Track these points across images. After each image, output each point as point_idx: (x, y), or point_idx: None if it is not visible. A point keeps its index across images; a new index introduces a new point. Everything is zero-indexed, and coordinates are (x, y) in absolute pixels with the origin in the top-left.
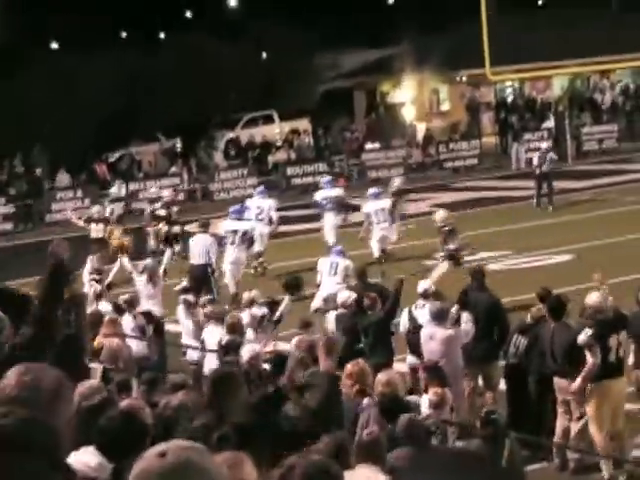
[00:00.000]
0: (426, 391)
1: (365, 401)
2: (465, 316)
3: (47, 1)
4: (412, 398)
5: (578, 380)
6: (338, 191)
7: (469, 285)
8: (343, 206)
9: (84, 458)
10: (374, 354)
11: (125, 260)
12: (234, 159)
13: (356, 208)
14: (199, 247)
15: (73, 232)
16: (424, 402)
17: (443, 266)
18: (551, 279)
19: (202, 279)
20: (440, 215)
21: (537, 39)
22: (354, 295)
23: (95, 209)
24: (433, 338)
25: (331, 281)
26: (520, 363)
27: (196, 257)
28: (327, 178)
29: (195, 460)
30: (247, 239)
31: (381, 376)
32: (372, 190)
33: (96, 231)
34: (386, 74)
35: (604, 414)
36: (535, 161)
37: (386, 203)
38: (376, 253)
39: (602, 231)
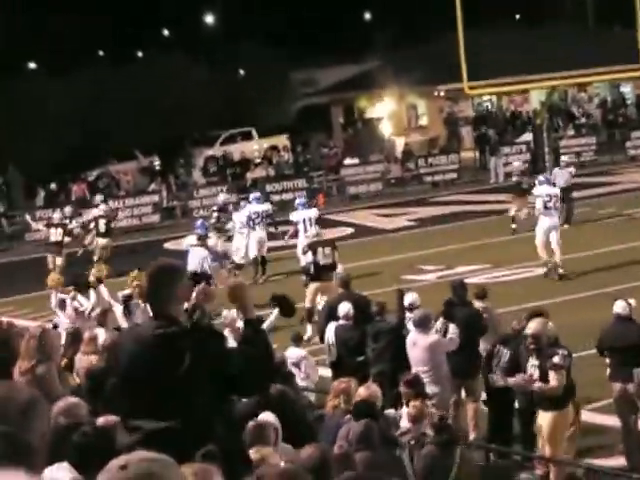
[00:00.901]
0: (407, 404)
1: (347, 417)
2: (452, 327)
3: (23, 20)
4: (390, 412)
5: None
6: (314, 211)
7: (450, 298)
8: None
9: (58, 474)
10: (384, 360)
11: (103, 290)
12: (213, 176)
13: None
14: (194, 260)
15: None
16: (404, 415)
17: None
18: (529, 292)
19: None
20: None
21: (514, 53)
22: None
23: (56, 215)
24: (416, 345)
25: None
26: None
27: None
28: (302, 199)
29: (156, 472)
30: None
31: (362, 390)
32: (300, 200)
33: (55, 235)
34: (363, 89)
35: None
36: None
37: (313, 213)
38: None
39: (579, 244)
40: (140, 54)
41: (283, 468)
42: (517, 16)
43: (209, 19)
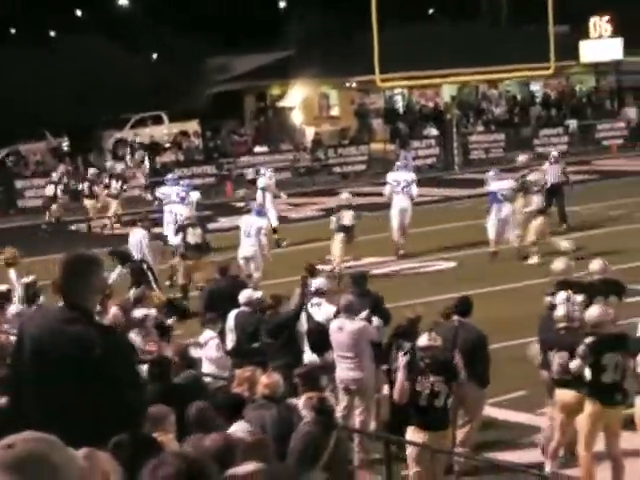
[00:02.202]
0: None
1: (255, 404)
2: (376, 318)
3: None
4: (292, 401)
5: None
6: (196, 194)
7: (351, 290)
8: None
9: None
10: (281, 355)
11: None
12: (122, 159)
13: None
14: (134, 241)
15: None
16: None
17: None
18: (434, 286)
19: (139, 274)
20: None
21: (426, 48)
22: (258, 293)
23: None
24: (342, 329)
25: (246, 242)
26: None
27: (134, 252)
28: (172, 175)
29: (42, 452)
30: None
31: (264, 378)
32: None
33: None
34: (276, 78)
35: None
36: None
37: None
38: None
39: (483, 239)
40: (53, 34)
41: (185, 454)
42: (430, 10)
43: (123, 0)
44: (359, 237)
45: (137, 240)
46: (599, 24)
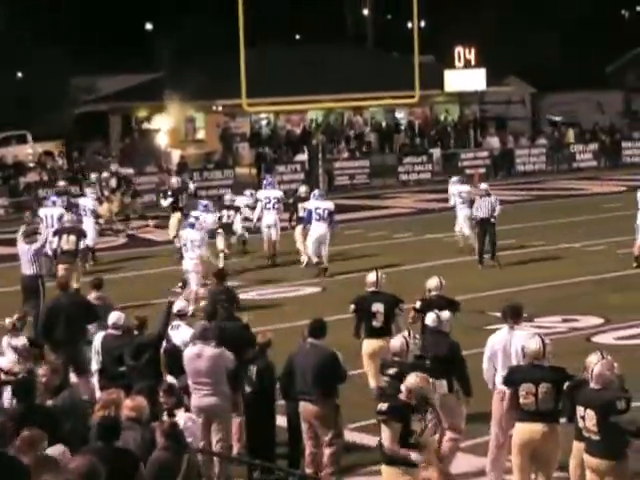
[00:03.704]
0: (169, 414)
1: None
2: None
3: None
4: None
5: None
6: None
7: (219, 313)
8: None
9: None
10: (145, 377)
11: None
12: None
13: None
14: (24, 257)
15: None
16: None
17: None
18: (300, 310)
19: (32, 290)
20: None
21: (293, 73)
22: (123, 317)
23: None
24: (201, 356)
25: (187, 256)
26: (256, 391)
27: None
28: (53, 197)
29: None
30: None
31: (128, 402)
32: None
33: None
34: (143, 100)
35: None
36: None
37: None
38: None
39: (349, 266)
40: None
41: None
42: (297, 36)
43: None
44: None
45: (27, 255)
46: (463, 54)
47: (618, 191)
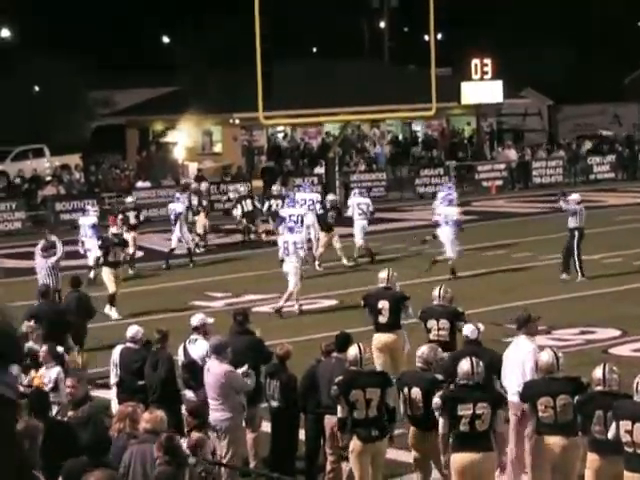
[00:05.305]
0: (189, 433)
1: (133, 440)
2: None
3: None
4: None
5: None
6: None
7: (231, 327)
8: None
9: None
10: (164, 389)
11: None
12: (3, 192)
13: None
14: (42, 272)
15: None
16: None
17: None
18: (318, 322)
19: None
20: None
21: (310, 86)
22: (142, 330)
23: None
24: (210, 371)
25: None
26: (280, 406)
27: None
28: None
29: None
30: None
31: (146, 415)
32: None
33: None
34: (160, 113)
35: None
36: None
37: None
38: None
39: (367, 278)
40: None
41: None
42: (314, 49)
43: (4, 33)
44: (243, 272)
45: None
46: (480, 66)
47: (635, 203)
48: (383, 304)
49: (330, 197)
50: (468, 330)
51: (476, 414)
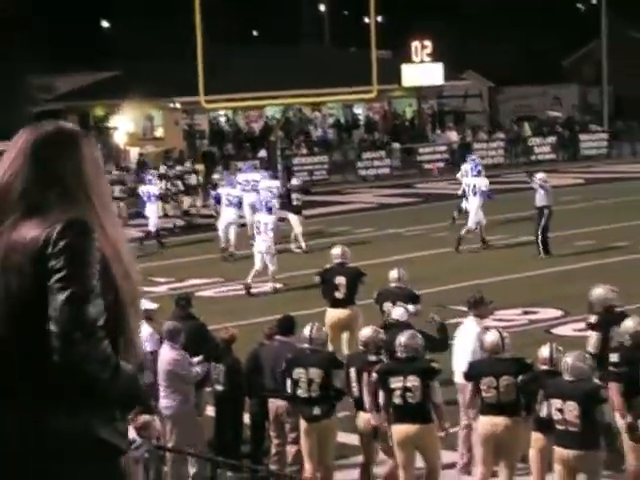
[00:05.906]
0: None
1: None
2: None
3: None
4: None
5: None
6: None
7: (173, 312)
8: None
9: None
10: None
11: None
12: None
13: None
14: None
15: None
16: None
17: None
18: (261, 306)
19: None
20: None
21: (251, 70)
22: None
23: None
24: (160, 357)
25: (259, 239)
26: (225, 389)
27: None
28: None
29: None
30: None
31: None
32: None
33: None
34: (100, 98)
35: None
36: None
37: None
38: None
39: (309, 261)
40: None
41: None
42: (255, 33)
43: None
44: (185, 258)
45: None
46: (420, 49)
47: (576, 183)
48: (340, 280)
49: (294, 181)
50: (397, 313)
51: (406, 387)
